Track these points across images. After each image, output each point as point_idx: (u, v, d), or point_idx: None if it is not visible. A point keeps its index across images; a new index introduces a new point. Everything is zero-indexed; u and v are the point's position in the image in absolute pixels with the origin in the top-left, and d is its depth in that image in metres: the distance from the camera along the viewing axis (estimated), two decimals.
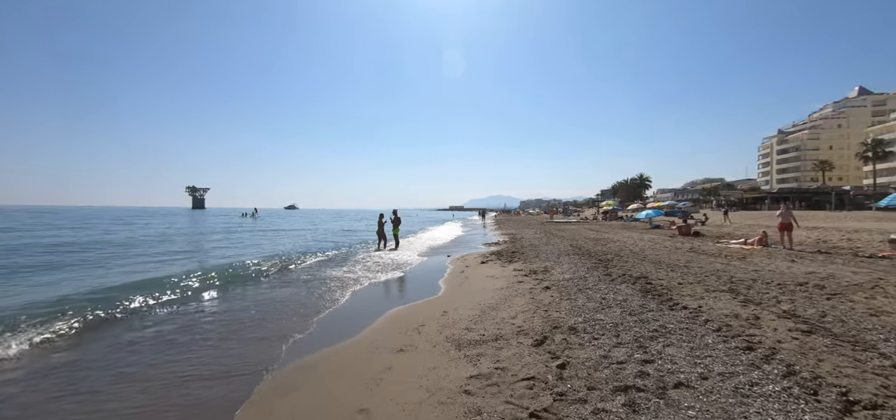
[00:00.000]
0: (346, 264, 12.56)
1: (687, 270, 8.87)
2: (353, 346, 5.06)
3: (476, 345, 4.68)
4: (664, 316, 5.40)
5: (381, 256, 14.76)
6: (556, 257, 11.81)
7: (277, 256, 14.00)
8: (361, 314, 6.74)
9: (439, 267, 11.97)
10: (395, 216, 18.34)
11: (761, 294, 6.55)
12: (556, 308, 6.04)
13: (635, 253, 12.42)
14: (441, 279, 9.89)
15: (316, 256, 14.59)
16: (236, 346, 5.18)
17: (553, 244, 15.95)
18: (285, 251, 16.43)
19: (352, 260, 13.68)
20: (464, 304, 6.79)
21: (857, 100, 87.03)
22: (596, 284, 7.54)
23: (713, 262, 10.29)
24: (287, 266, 11.92)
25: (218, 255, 15.45)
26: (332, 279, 9.90)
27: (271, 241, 22.45)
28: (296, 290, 8.65)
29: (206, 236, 25.14)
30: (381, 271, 11.26)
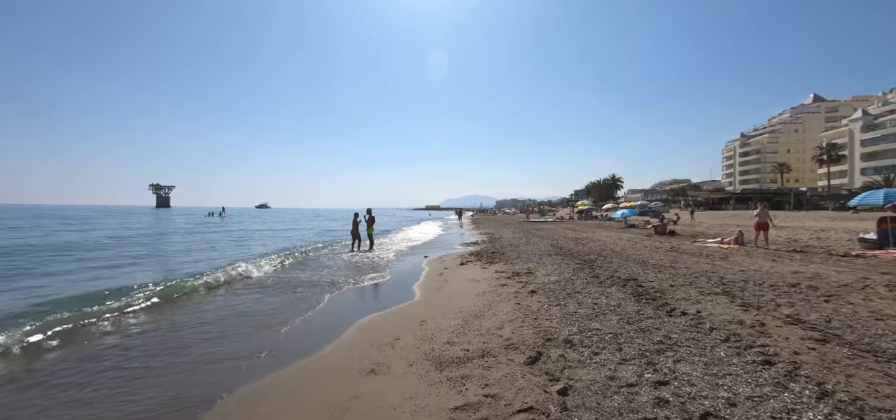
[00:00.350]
0: (315, 267, 11.65)
1: (675, 271, 8.50)
2: (315, 366, 4.30)
3: (460, 363, 4.01)
4: (665, 324, 4.90)
5: (354, 258, 13.89)
6: (538, 258, 11.31)
7: (242, 261, 12.91)
8: (329, 324, 5.96)
9: (416, 269, 11.25)
10: (369, 215, 17.49)
11: (757, 297, 6.18)
12: (546, 315, 5.45)
13: (617, 253, 12.09)
14: (418, 282, 9.18)
15: (283, 259, 13.58)
16: (183, 372, 4.29)
17: (533, 244, 15.51)
18: (251, 254, 15.29)
19: (322, 262, 12.76)
20: (444, 312, 6.11)
21: (812, 106, 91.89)
22: (585, 287, 7.02)
23: (697, 261, 10.03)
24: (250, 272, 10.89)
25: (176, 260, 14.16)
26: (299, 284, 9.01)
27: (237, 242, 21.08)
28: (259, 298, 7.73)
29: (164, 238, 23.43)
30: (353, 274, 10.45)
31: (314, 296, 7.88)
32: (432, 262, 12.42)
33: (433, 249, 16.60)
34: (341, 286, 8.85)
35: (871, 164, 68.01)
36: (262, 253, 15.58)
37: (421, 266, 11.67)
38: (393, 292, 8.26)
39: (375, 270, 11.07)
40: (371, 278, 9.85)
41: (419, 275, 10.19)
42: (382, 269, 11.49)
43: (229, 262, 12.25)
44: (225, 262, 12.59)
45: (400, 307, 6.88)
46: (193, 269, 11.09)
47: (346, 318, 6.25)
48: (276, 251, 15.77)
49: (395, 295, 7.94)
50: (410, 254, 15.54)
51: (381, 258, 14.00)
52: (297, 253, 15.43)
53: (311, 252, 15.93)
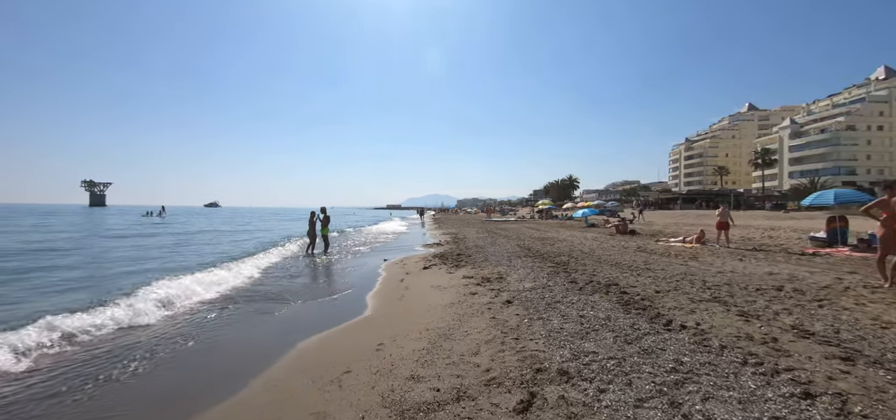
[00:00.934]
0: (257, 274, 10.17)
1: (653, 274, 7.95)
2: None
3: (429, 412, 2.99)
4: (668, 342, 4.14)
5: (305, 261, 12.47)
6: (507, 260, 10.50)
7: (168, 271, 11.13)
8: (259, 350, 4.74)
9: (374, 274, 10.09)
10: (324, 215, 16.04)
11: (749, 303, 5.64)
12: (529, 333, 4.55)
13: (587, 253, 11.56)
14: (375, 290, 8.06)
15: (218, 268, 11.92)
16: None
17: (499, 244, 14.76)
18: (185, 262, 13.40)
19: (267, 267, 11.26)
20: (406, 331, 5.07)
21: (747, 114, 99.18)
22: (565, 296, 6.22)
23: (670, 262, 9.62)
24: (169, 296, 9.23)
25: (70, 277, 12.06)
26: (229, 299, 7.60)
27: (171, 249, 18.79)
28: (175, 319, 6.29)
29: (79, 245, 20.54)
30: (301, 280, 9.14)
31: (246, 311, 6.56)
32: (392, 265, 11.29)
33: (394, 251, 15.45)
34: (284, 297, 7.55)
35: (797, 168, 74.33)
36: (202, 258, 13.74)
37: (379, 271, 10.52)
38: (346, 304, 7.09)
39: (327, 276, 9.80)
40: (321, 285, 8.59)
41: (377, 281, 9.06)
42: (336, 274, 10.24)
43: (151, 273, 10.48)
44: (146, 272, 10.77)
45: (353, 324, 5.75)
46: (112, 283, 9.28)
47: (282, 339, 5.05)
48: (215, 257, 13.96)
49: (348, 307, 6.78)
50: (369, 255, 14.30)
51: (335, 261, 12.68)
52: (243, 257, 13.74)
53: (258, 257, 14.29)
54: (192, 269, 10.05)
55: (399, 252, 15.00)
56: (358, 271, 10.88)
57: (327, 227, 16.04)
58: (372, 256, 14.12)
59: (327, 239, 16.07)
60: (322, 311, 6.74)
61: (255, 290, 8.11)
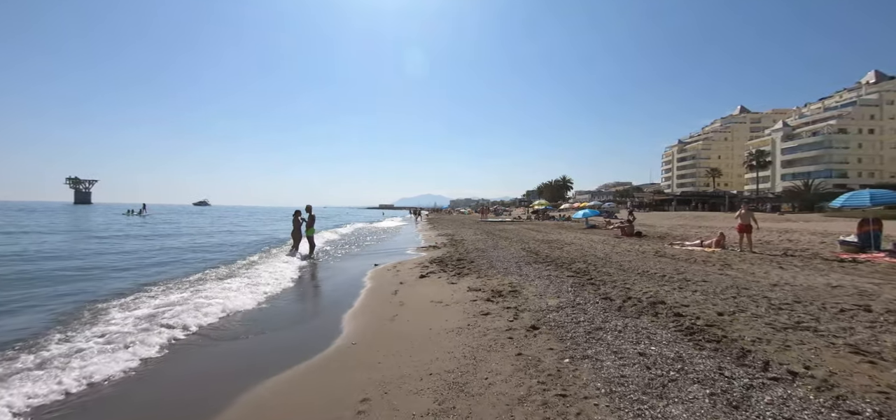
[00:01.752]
0: (229, 281, 8.64)
1: (696, 287, 6.59)
2: None
3: None
4: (787, 403, 2.78)
5: (285, 266, 10.95)
6: (516, 267, 9.09)
7: (140, 284, 9.57)
8: (179, 406, 3.29)
9: (362, 282, 8.63)
10: (309, 214, 14.53)
11: (845, 330, 4.31)
12: (578, 384, 3.15)
13: (603, 259, 10.22)
14: (359, 304, 6.61)
15: (191, 274, 10.38)
16: None
17: (502, 248, 13.35)
18: (159, 265, 11.81)
19: (244, 273, 9.73)
20: (401, 374, 3.63)
21: (739, 117, 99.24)
22: (605, 320, 4.82)
23: (706, 271, 8.30)
24: (138, 294, 7.70)
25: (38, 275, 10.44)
26: (194, 311, 6.10)
27: (146, 251, 17.11)
28: (121, 341, 4.78)
29: (45, 247, 18.75)
30: (273, 289, 7.65)
31: (201, 333, 5.08)
32: (383, 272, 9.82)
33: (385, 254, 13.97)
34: (246, 315, 6.06)
35: (789, 170, 74.23)
36: (178, 262, 12.16)
37: (367, 279, 9.06)
38: (323, 327, 5.61)
39: (305, 285, 8.32)
40: (293, 300, 7.10)
41: (365, 292, 7.60)
42: (317, 282, 8.77)
43: (114, 279, 8.90)
44: (117, 284, 9.20)
45: (329, 357, 4.30)
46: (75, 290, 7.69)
47: (228, 386, 3.59)
48: (192, 261, 12.37)
49: (323, 332, 5.31)
50: (358, 258, 12.82)
51: (320, 265, 11.20)
52: (225, 260, 12.19)
53: (237, 258, 12.73)
54: (158, 282, 8.51)
55: (391, 255, 13.52)
56: (343, 277, 9.41)
57: (313, 227, 14.54)
58: (361, 259, 12.64)
59: (312, 240, 14.56)
60: (290, 337, 5.26)
61: (225, 305, 6.60)
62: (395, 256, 13.10)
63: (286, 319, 6.06)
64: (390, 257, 12.94)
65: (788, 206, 56.28)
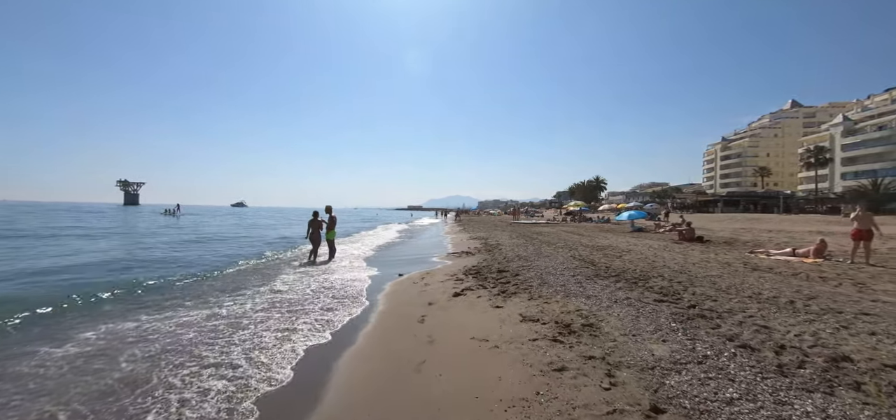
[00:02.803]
0: (230, 297, 7.14)
1: (856, 321, 4.43)
2: None
3: None
4: None
5: (300, 276, 9.42)
6: (575, 282, 7.09)
7: (135, 284, 8.30)
8: None
9: (375, 299, 6.89)
10: (329, 216, 13.05)
11: None
12: None
13: (680, 271, 8.05)
14: (375, 337, 4.85)
15: (201, 280, 9.03)
16: None
17: (548, 255, 11.31)
18: (171, 266, 10.64)
19: (252, 284, 8.26)
20: None
21: (791, 112, 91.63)
22: (778, 399, 2.83)
23: (834, 292, 6.03)
24: (127, 302, 6.35)
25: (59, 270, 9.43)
26: (159, 347, 4.54)
27: (169, 247, 16.23)
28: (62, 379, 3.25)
29: (57, 244, 18.30)
30: (274, 312, 6.04)
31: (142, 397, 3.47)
32: (407, 285, 8.04)
33: (411, 262, 12.22)
34: (229, 357, 4.43)
35: (851, 169, 67.33)
36: (191, 265, 10.95)
37: (383, 296, 7.31)
38: (303, 380, 3.87)
39: (315, 305, 6.67)
40: (296, 327, 5.43)
41: (381, 315, 5.85)
42: (329, 300, 7.11)
43: (122, 282, 7.61)
44: (115, 281, 7.95)
45: None
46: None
47: None
48: (204, 267, 11.12)
49: (303, 388, 3.57)
50: (381, 266, 11.14)
51: (336, 276, 9.59)
52: (238, 264, 10.87)
53: (252, 263, 11.39)
54: (134, 290, 7.13)
55: (418, 263, 11.73)
56: (355, 289, 7.72)
57: (333, 230, 13.03)
58: (386, 266, 10.97)
59: (333, 245, 13.06)
60: (282, 392, 3.55)
61: (204, 337, 5.02)
62: (422, 265, 11.31)
63: (311, 348, 4.39)
64: (417, 265, 11.18)
65: (849, 208, 50.63)
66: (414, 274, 9.53)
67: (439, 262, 11.42)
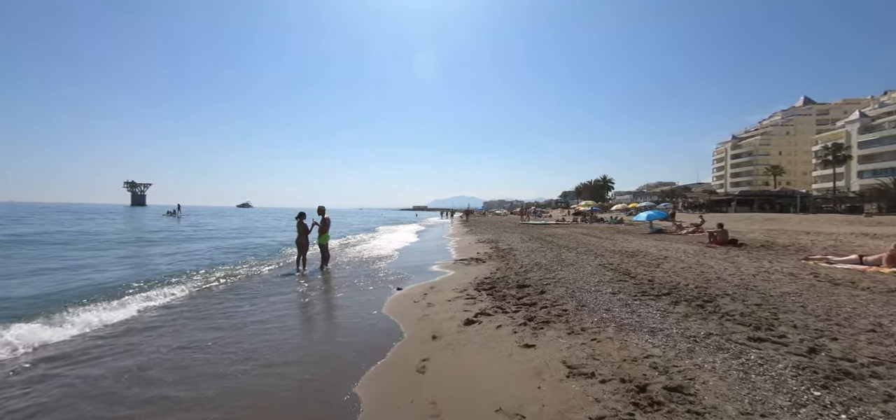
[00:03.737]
0: (186, 322, 5.61)
1: None
2: None
3: None
4: None
5: (279, 291, 7.88)
6: (620, 304, 5.45)
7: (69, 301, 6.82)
8: None
9: (375, 324, 5.32)
10: (322, 217, 11.52)
11: None
12: None
13: (746, 287, 6.40)
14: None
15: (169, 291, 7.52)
16: None
17: (572, 263, 9.65)
18: (137, 279, 9.17)
19: (217, 303, 6.74)
20: None
21: (803, 109, 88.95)
22: None
23: None
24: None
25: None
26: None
27: (143, 257, 14.81)
28: None
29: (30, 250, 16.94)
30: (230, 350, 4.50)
31: None
32: (406, 305, 6.46)
33: (413, 270, 10.61)
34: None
35: (868, 167, 64.83)
36: (161, 274, 9.46)
37: (377, 320, 5.74)
38: None
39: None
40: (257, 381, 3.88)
41: (371, 361, 4.28)
42: (301, 327, 5.54)
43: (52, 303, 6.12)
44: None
45: None
46: None
47: None
48: (183, 271, 9.63)
49: None
50: (378, 275, 9.57)
51: (322, 289, 8.04)
52: (216, 274, 9.34)
53: (235, 271, 9.85)
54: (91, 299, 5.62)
55: (420, 272, 10.11)
56: (337, 316, 6.16)
57: (327, 234, 11.49)
58: (382, 278, 9.40)
59: (326, 250, 11.53)
60: None
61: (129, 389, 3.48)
62: (425, 274, 9.71)
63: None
64: (419, 275, 9.60)
65: (873, 207, 48.26)
66: (415, 287, 7.94)
67: (445, 272, 9.81)
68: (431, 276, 9.43)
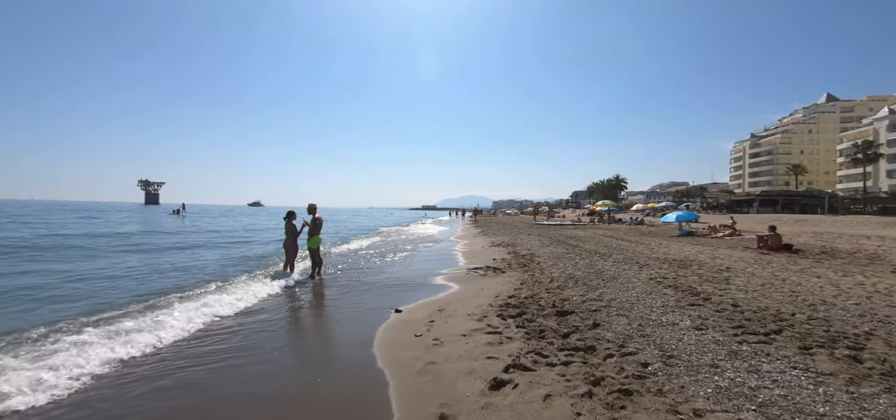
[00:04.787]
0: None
1: None
2: None
3: None
4: None
5: (250, 312, 6.10)
6: (726, 353, 3.55)
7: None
8: None
9: (347, 407, 3.51)
10: (312, 217, 9.77)
11: None
12: None
13: (866, 314, 4.47)
14: None
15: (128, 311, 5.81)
16: None
17: (611, 274, 7.72)
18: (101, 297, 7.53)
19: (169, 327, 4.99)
20: None
21: (826, 106, 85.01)
22: None
23: None
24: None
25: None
26: None
27: (122, 264, 13.25)
28: None
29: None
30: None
31: None
32: (405, 337, 4.65)
33: (418, 283, 8.70)
34: None
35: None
36: (129, 292, 7.81)
37: (368, 366, 3.93)
38: None
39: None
40: None
41: None
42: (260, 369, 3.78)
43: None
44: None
45: None
46: None
47: None
48: (149, 293, 7.95)
49: None
50: (374, 289, 7.74)
51: (295, 317, 6.25)
52: (193, 288, 7.61)
53: (194, 293, 8.11)
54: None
55: (425, 287, 8.11)
56: (323, 352, 4.37)
57: (318, 236, 9.72)
58: (379, 291, 7.59)
59: (317, 254, 9.77)
60: None
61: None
62: (432, 289, 7.79)
63: None
64: (424, 289, 7.72)
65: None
66: (418, 308, 6.08)
67: (456, 286, 7.93)
68: (440, 290, 7.56)
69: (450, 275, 9.25)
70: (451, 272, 9.63)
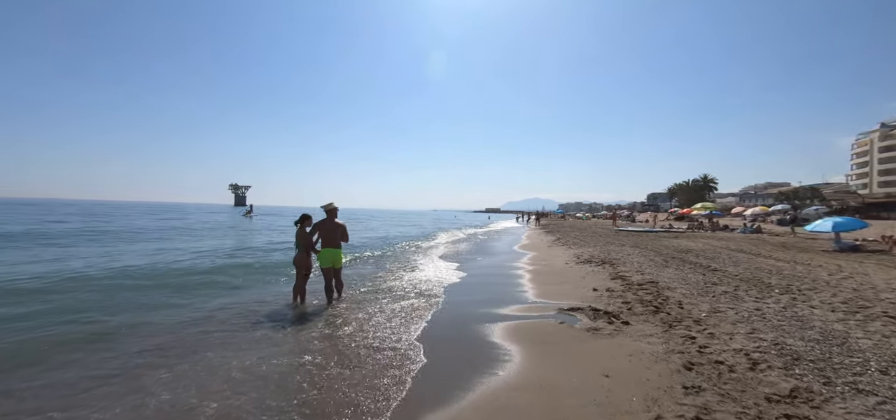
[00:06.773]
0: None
1: None
2: None
3: None
4: None
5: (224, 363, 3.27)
6: None
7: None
8: None
9: None
10: (327, 224, 6.91)
11: None
12: None
13: None
14: None
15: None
16: None
17: (841, 339, 3.80)
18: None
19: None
20: None
21: None
22: None
23: None
24: None
25: None
26: None
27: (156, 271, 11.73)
28: None
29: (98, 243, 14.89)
30: None
31: None
32: None
33: (470, 336, 5.33)
34: None
35: None
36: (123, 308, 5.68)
37: None
38: None
39: None
40: None
41: None
42: None
43: None
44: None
45: None
46: None
47: None
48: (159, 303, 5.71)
49: None
50: (401, 338, 4.58)
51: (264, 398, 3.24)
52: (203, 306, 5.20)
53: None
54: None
55: (483, 352, 4.47)
56: None
57: (337, 249, 6.82)
58: (405, 346, 4.41)
59: (338, 276, 6.89)
60: None
61: None
62: (494, 358, 4.31)
63: None
64: (481, 357, 4.34)
65: None
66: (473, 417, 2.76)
67: (530, 346, 4.43)
68: (506, 357, 4.13)
69: (519, 317, 5.70)
70: (520, 312, 6.03)
